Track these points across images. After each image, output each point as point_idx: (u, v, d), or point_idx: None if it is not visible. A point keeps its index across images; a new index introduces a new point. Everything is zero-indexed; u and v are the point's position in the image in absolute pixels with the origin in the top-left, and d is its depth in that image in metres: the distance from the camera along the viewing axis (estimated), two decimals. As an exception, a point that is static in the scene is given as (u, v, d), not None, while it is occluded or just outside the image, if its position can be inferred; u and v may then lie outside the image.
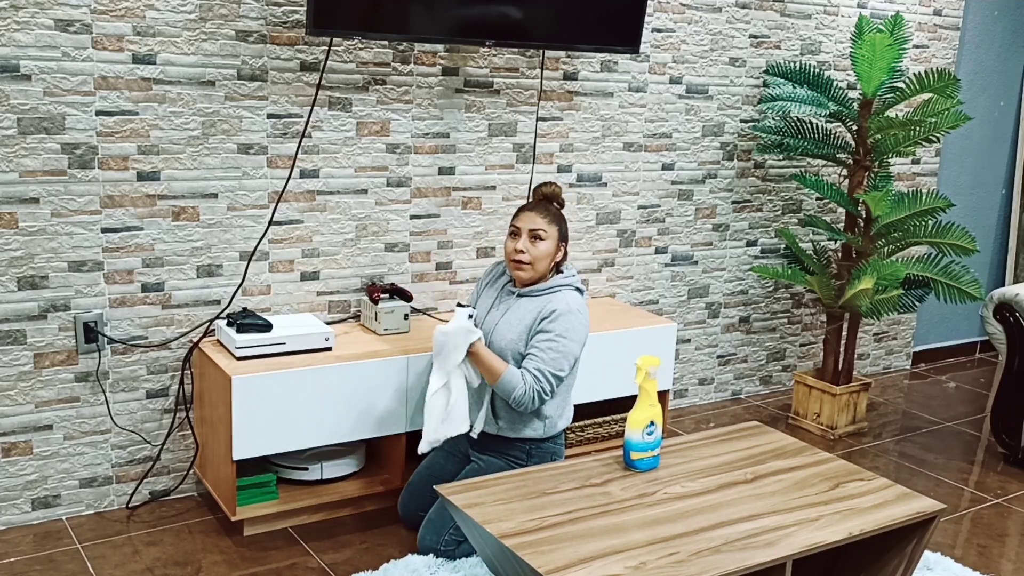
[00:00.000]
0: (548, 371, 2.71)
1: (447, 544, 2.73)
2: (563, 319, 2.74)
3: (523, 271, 2.80)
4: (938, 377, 4.83)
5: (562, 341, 2.73)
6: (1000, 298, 3.75)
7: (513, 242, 2.81)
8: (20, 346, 2.80)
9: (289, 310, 3.19)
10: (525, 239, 2.79)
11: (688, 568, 2.10)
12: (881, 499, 2.49)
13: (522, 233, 2.79)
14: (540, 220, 2.79)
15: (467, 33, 3.07)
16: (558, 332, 2.73)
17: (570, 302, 2.77)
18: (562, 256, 2.85)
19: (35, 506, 2.90)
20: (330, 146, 3.15)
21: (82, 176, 2.78)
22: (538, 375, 2.70)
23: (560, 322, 2.73)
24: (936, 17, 4.48)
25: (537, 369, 2.70)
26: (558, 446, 2.92)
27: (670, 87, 3.81)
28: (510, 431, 2.83)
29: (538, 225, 2.78)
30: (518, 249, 2.79)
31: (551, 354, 2.72)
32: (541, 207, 2.83)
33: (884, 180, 3.97)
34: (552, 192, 2.87)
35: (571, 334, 2.74)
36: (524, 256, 2.78)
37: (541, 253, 2.79)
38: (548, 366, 2.71)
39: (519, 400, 2.69)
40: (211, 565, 2.73)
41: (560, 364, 2.73)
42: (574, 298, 2.80)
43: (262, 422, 2.79)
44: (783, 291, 4.35)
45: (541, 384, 2.70)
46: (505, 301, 2.88)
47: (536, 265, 2.79)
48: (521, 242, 2.79)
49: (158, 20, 2.80)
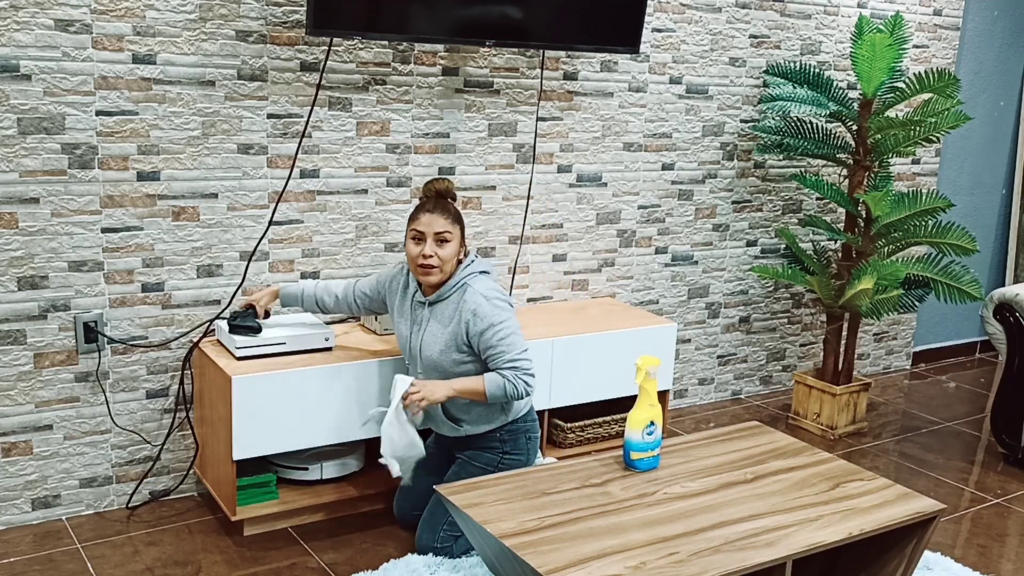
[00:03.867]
0: (517, 356, 2.70)
1: (443, 541, 2.73)
2: (484, 311, 2.70)
3: (432, 275, 2.73)
4: (938, 377, 4.83)
5: (502, 327, 2.70)
6: (1000, 298, 3.75)
7: (418, 247, 2.71)
8: (20, 346, 2.80)
9: (289, 310, 3.19)
10: (431, 243, 2.70)
11: (688, 568, 2.10)
12: (881, 499, 2.50)
13: (427, 237, 2.71)
14: (443, 222, 2.71)
15: (467, 33, 3.07)
16: (492, 323, 2.70)
17: (481, 290, 2.73)
18: (464, 250, 2.81)
19: (35, 506, 2.90)
20: (330, 146, 3.15)
21: (82, 176, 2.78)
22: (513, 365, 2.70)
23: (486, 316, 2.70)
24: (936, 17, 4.48)
25: (508, 363, 2.70)
26: (529, 423, 2.91)
27: (670, 87, 3.81)
28: (475, 429, 2.84)
29: (443, 227, 2.71)
30: (426, 255, 2.70)
31: (506, 342, 2.70)
32: (440, 207, 2.74)
33: (884, 180, 3.97)
34: (445, 188, 2.79)
35: (500, 315, 2.71)
36: (433, 260, 2.70)
37: (448, 255, 2.72)
38: (513, 353, 2.70)
39: (513, 395, 2.71)
40: (211, 565, 2.73)
41: (518, 343, 2.71)
42: (482, 284, 2.76)
43: (262, 422, 2.79)
44: (783, 291, 4.35)
45: (519, 373, 2.71)
46: (420, 315, 2.82)
47: (444, 267, 2.73)
48: (428, 247, 2.70)
49: (158, 20, 2.80)
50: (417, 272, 2.75)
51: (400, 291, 2.88)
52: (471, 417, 2.83)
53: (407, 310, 2.85)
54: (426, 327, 2.79)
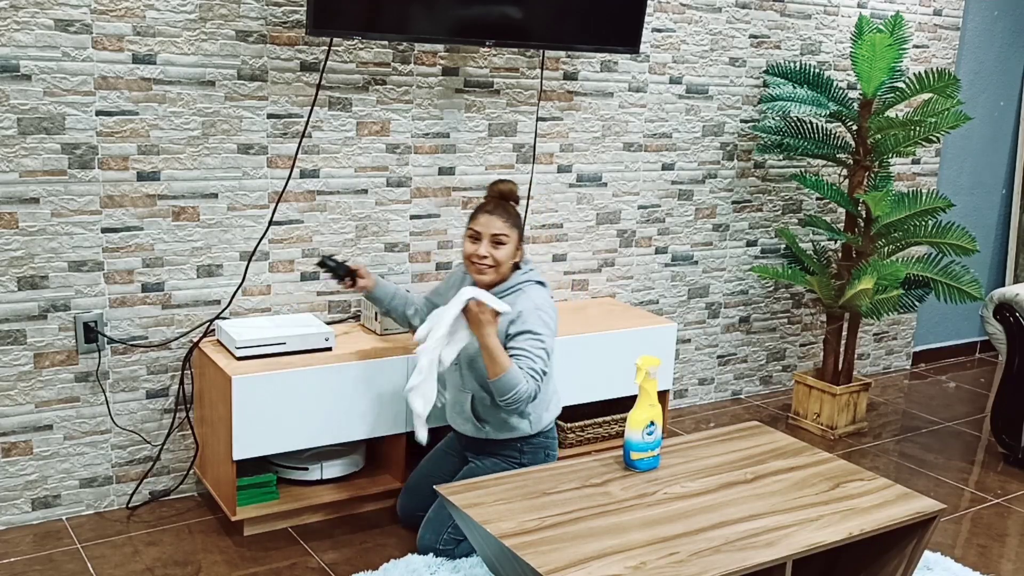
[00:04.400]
0: (540, 369, 2.70)
1: (446, 543, 2.73)
2: (532, 316, 2.72)
3: (485, 274, 2.77)
4: (938, 377, 4.83)
5: (538, 339, 2.71)
6: (1000, 298, 3.75)
7: (474, 246, 2.77)
8: (20, 346, 2.80)
9: (289, 310, 3.19)
10: (487, 243, 2.75)
11: (688, 568, 2.10)
12: (881, 499, 2.49)
13: (483, 238, 2.75)
14: (500, 224, 2.75)
15: (467, 33, 3.07)
16: (532, 331, 2.71)
17: (534, 298, 2.75)
18: (521, 255, 2.83)
19: (35, 506, 2.90)
20: (330, 146, 3.15)
21: (82, 176, 2.78)
22: (534, 375, 2.69)
23: (531, 320, 2.72)
24: (936, 17, 4.48)
25: (532, 369, 2.69)
26: (550, 440, 2.91)
27: (670, 87, 3.81)
28: (497, 433, 2.83)
29: (499, 230, 2.74)
30: (480, 254, 2.75)
31: (538, 351, 2.71)
32: (500, 209, 2.78)
33: (884, 180, 3.97)
34: (508, 190, 2.82)
35: (543, 328, 2.73)
36: (487, 260, 2.75)
37: (503, 256, 2.76)
38: (538, 365, 2.70)
39: (516, 399, 2.65)
40: (211, 565, 2.73)
41: (545, 360, 2.72)
42: (537, 293, 2.78)
43: (262, 422, 2.79)
44: (783, 291, 4.35)
45: (537, 383, 2.70)
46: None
47: (499, 268, 2.77)
48: (483, 247, 2.75)
49: (158, 20, 2.80)
50: (471, 269, 2.80)
51: (457, 286, 2.91)
52: (496, 420, 2.82)
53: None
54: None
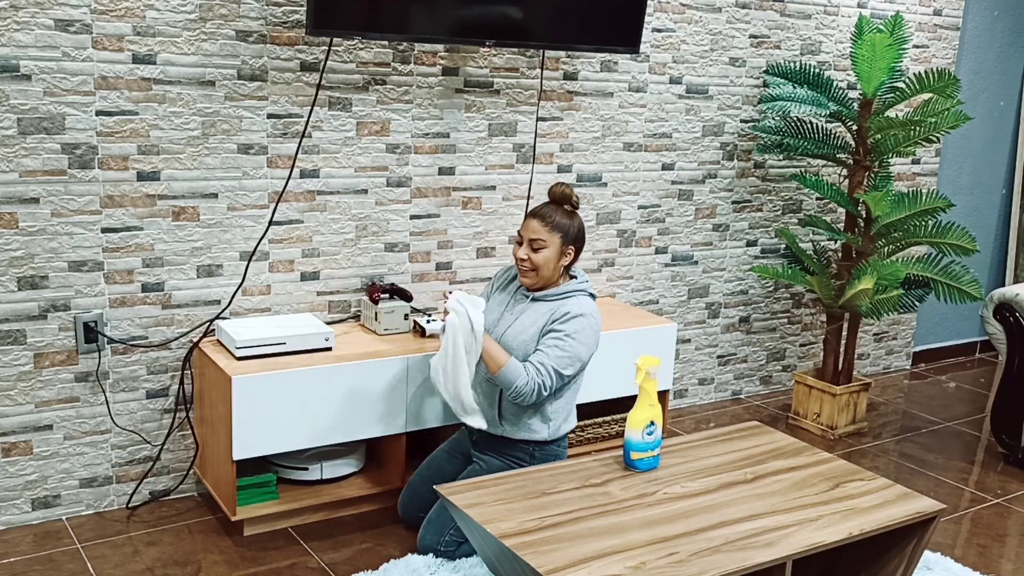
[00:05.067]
0: (551, 366, 2.71)
1: (447, 544, 2.73)
2: (575, 321, 2.75)
3: (527, 277, 2.84)
4: (938, 377, 4.83)
5: (570, 341, 2.73)
6: (1000, 298, 3.75)
7: (517, 249, 2.85)
8: (20, 346, 2.80)
9: (289, 310, 3.19)
10: (526, 247, 2.82)
11: (688, 568, 2.10)
12: (881, 499, 2.50)
13: (524, 241, 2.82)
14: (540, 230, 2.79)
15: (467, 33, 3.07)
16: (567, 332, 2.74)
17: (583, 306, 2.79)
18: (571, 259, 2.85)
19: (35, 506, 2.90)
20: (330, 146, 3.15)
21: (82, 176, 2.78)
22: (540, 368, 2.70)
23: (572, 323, 2.75)
24: (936, 17, 4.48)
25: (540, 363, 2.71)
26: (562, 449, 2.91)
27: (670, 87, 3.81)
28: (513, 432, 2.83)
29: (537, 235, 2.80)
30: (520, 257, 2.83)
31: (557, 352, 2.72)
32: (545, 215, 2.82)
33: (884, 180, 3.97)
34: (561, 193, 2.85)
35: (581, 336, 2.75)
36: (526, 263, 2.82)
37: (542, 260, 2.80)
38: (552, 362, 2.71)
39: (519, 391, 2.68)
40: (211, 565, 2.73)
41: (564, 363, 2.73)
42: (587, 303, 2.82)
43: (262, 422, 2.79)
44: (783, 291, 4.35)
45: (542, 377, 2.70)
46: (519, 304, 2.88)
47: (540, 271, 2.81)
48: (523, 250, 2.83)
49: (158, 20, 2.80)
50: (518, 269, 2.87)
51: (506, 281, 3.00)
52: (515, 420, 2.83)
53: (506, 297, 2.94)
54: (520, 317, 2.84)
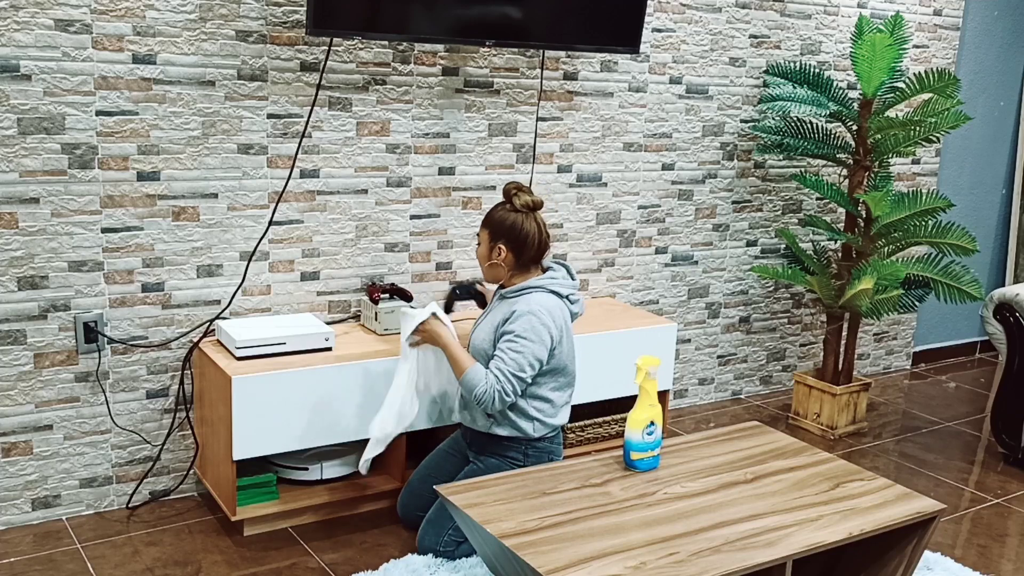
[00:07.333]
0: (508, 371, 2.69)
1: (447, 545, 2.73)
2: (522, 320, 2.73)
3: (482, 270, 2.91)
4: (938, 377, 4.83)
5: (522, 341, 2.71)
6: (1000, 298, 3.75)
7: None
8: (20, 346, 2.80)
9: (289, 310, 3.19)
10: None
11: (688, 568, 2.10)
12: (881, 499, 2.50)
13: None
14: (480, 225, 2.86)
15: (467, 33, 3.07)
16: (517, 332, 2.72)
17: (532, 303, 2.75)
18: (507, 255, 2.80)
19: (35, 506, 2.90)
20: (330, 146, 3.15)
21: (82, 176, 2.78)
22: (499, 375, 2.69)
23: (519, 323, 2.72)
24: (936, 17, 4.48)
25: (498, 369, 2.70)
26: (555, 445, 2.91)
27: (670, 87, 3.81)
28: (502, 430, 2.83)
29: (478, 230, 2.87)
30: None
31: (511, 354, 2.71)
32: (488, 211, 2.87)
33: (884, 180, 3.97)
34: (505, 190, 2.87)
35: (531, 335, 2.72)
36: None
37: (478, 257, 2.88)
38: (508, 367, 2.70)
39: (479, 398, 2.68)
40: (211, 565, 2.73)
41: (520, 364, 2.70)
42: (539, 299, 2.77)
43: (262, 422, 2.79)
44: (783, 291, 4.35)
45: (501, 384, 2.69)
46: (493, 305, 2.92)
47: (481, 264, 2.87)
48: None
49: (158, 20, 2.80)
50: None
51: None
52: (500, 417, 2.82)
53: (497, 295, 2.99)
54: (487, 317, 2.87)
